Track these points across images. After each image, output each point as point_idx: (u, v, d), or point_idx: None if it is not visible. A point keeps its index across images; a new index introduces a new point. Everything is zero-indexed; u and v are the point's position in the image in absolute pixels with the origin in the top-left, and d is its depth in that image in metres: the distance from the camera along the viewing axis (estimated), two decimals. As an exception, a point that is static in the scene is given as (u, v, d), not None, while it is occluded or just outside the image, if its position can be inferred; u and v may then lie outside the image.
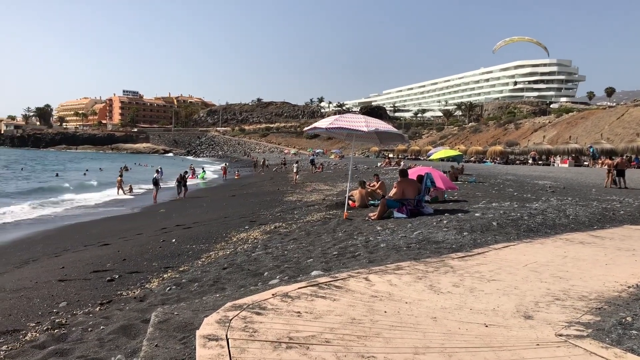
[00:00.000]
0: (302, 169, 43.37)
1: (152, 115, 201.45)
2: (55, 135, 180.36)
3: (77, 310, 6.16)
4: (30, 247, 14.38)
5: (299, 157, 76.93)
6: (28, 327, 5.53)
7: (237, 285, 6.18)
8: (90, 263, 9.75)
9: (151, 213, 22.03)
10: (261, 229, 12.23)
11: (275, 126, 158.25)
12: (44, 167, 73.23)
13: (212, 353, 3.02)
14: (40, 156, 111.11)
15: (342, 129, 12.50)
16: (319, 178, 37.03)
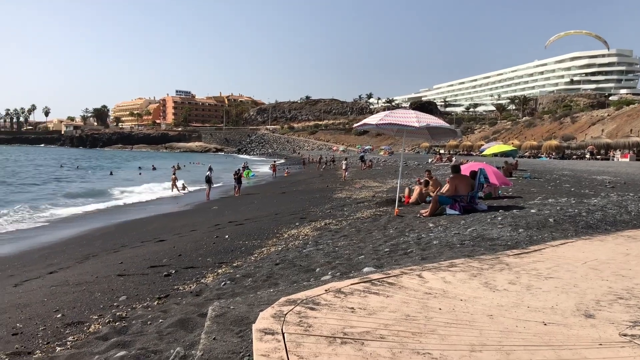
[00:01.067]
0: (351, 166, 43.32)
1: (204, 115, 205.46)
2: (111, 135, 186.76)
3: (136, 304, 6.36)
4: (90, 243, 14.95)
5: (347, 154, 76.87)
6: (91, 320, 5.76)
7: (290, 280, 6.24)
8: (147, 258, 10.04)
9: (204, 210, 22.51)
10: (311, 226, 12.30)
11: (323, 123, 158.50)
12: (100, 165, 75.93)
13: (268, 347, 3.07)
14: (97, 156, 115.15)
15: (393, 124, 12.41)
16: (368, 175, 36.90)
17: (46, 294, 7.55)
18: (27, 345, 5.00)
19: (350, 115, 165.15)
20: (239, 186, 29.54)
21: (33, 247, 15.31)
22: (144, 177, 51.56)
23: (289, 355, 2.96)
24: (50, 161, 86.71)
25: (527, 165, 35.28)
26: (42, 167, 69.43)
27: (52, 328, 5.54)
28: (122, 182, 44.43)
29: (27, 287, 8.69)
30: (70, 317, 5.96)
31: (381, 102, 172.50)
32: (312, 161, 76.85)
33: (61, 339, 5.08)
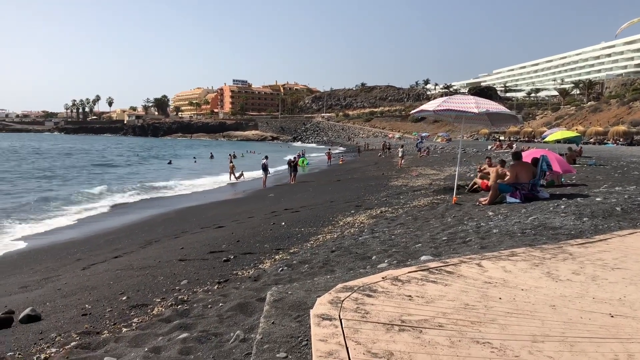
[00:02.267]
0: (408, 153, 42.85)
1: (260, 103, 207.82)
2: (171, 124, 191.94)
3: (197, 288, 6.54)
4: (152, 229, 15.46)
5: (403, 141, 76.01)
6: (154, 302, 5.97)
7: (346, 267, 6.26)
8: (206, 244, 10.29)
9: (261, 197, 22.85)
10: (367, 214, 12.27)
11: (379, 110, 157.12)
12: (162, 154, 78.27)
13: (326, 332, 3.09)
14: (158, 144, 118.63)
15: (451, 110, 12.16)
16: (425, 162, 36.43)
17: (112, 277, 7.87)
18: (95, 326, 5.24)
19: (406, 102, 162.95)
20: (294, 174, 29.80)
21: (99, 233, 16.00)
22: (202, 165, 52.82)
23: (346, 341, 2.97)
24: (118, 149, 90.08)
25: (592, 152, 33.90)
26: (120, 156, 72.25)
27: (118, 310, 5.78)
28: (180, 171, 45.73)
29: (94, 271, 9.09)
30: (134, 300, 6.19)
31: (438, 88, 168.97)
32: (368, 149, 76.48)
33: (127, 320, 5.30)
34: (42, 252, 13.16)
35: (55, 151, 79.89)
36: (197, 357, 3.64)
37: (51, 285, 8.30)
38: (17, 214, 20.10)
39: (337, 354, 2.81)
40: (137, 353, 3.97)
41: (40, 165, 50.96)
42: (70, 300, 6.66)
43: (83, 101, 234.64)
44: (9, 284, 9.20)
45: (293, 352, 2.96)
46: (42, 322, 5.68)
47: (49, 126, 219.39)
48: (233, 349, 3.67)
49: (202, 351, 3.77)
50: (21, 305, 6.50)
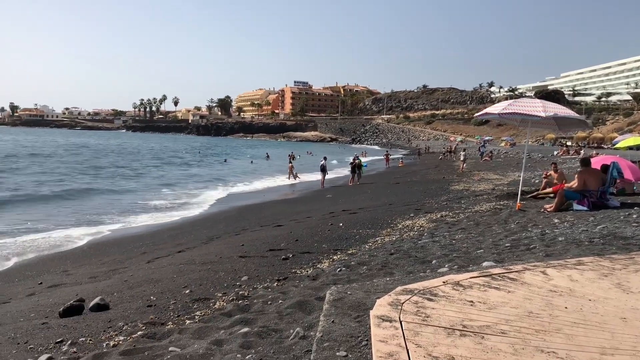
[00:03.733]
0: (469, 157, 42.01)
1: (319, 105, 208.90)
2: (234, 124, 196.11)
3: (257, 284, 6.65)
4: (214, 225, 15.86)
5: (465, 145, 74.56)
6: (216, 297, 6.12)
7: (405, 271, 6.21)
8: (266, 242, 10.45)
9: (319, 198, 22.99)
10: (427, 217, 12.12)
11: (440, 113, 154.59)
12: (221, 152, 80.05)
13: (386, 333, 3.09)
14: (219, 144, 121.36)
15: (516, 114, 11.85)
16: (487, 167, 35.60)
17: (175, 271, 8.12)
18: (160, 317, 5.43)
19: (469, 105, 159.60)
20: (353, 175, 29.82)
21: (163, 228, 16.56)
22: (258, 165, 53.72)
23: (407, 343, 2.96)
24: (183, 148, 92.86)
25: (667, 160, 32.14)
26: (183, 153, 74.51)
27: (181, 302, 5.96)
28: (238, 170, 46.67)
29: (159, 264, 9.41)
30: (197, 294, 6.37)
31: (503, 91, 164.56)
32: (428, 151, 75.51)
33: (190, 313, 5.46)
34: (109, 244, 13.76)
35: (126, 149, 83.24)
36: (258, 352, 3.71)
37: (118, 276, 8.65)
38: (95, 209, 21.11)
39: (398, 355, 2.80)
40: (200, 345, 4.09)
41: (116, 162, 53.41)
42: (136, 291, 6.92)
43: (150, 100, 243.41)
44: (79, 274, 9.67)
45: (353, 352, 2.98)
46: (110, 311, 5.93)
47: (118, 124, 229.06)
48: (293, 345, 3.72)
49: (262, 346, 3.84)
50: (91, 295, 6.81)
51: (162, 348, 4.24)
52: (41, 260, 12.02)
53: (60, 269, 10.61)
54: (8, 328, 5.57)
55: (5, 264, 11.83)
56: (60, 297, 7.22)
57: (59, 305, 6.33)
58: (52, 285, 8.73)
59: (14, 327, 5.55)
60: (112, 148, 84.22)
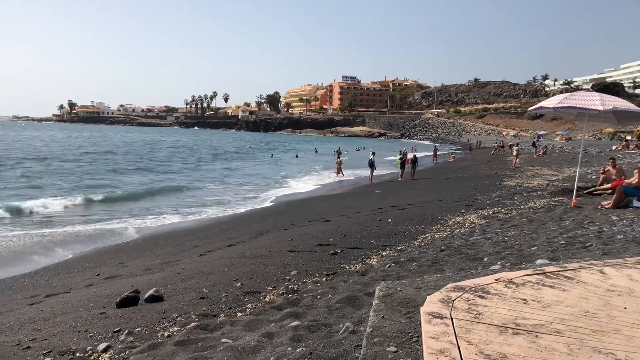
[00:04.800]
0: (523, 152, 40.94)
1: (368, 99, 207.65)
2: (282, 120, 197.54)
3: (306, 279, 6.70)
4: (263, 220, 16.05)
5: (518, 140, 72.64)
6: (266, 290, 6.20)
7: (456, 268, 6.13)
8: (314, 237, 10.50)
9: (367, 193, 22.91)
10: (478, 214, 11.91)
11: (493, 107, 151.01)
12: (270, 147, 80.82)
13: (437, 330, 3.07)
14: (268, 139, 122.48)
15: (572, 108, 11.46)
16: (541, 162, 34.62)
17: (226, 264, 8.27)
18: (212, 309, 5.55)
19: (522, 98, 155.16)
20: (402, 171, 29.58)
21: (214, 222, 16.89)
22: (305, 160, 54.00)
23: (458, 340, 2.93)
24: (234, 143, 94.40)
25: None
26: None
27: (233, 295, 6.07)
28: (285, 165, 47.05)
29: (210, 257, 9.61)
30: (248, 287, 6.47)
31: (558, 83, 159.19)
32: (480, 146, 74.07)
33: (241, 306, 5.55)
34: (162, 238, 14.14)
35: (184, 145, 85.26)
36: (308, 345, 3.74)
37: (171, 269, 8.89)
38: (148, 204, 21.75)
39: (449, 352, 2.77)
40: (251, 337, 4.16)
41: (173, 157, 54.96)
42: (189, 283, 7.09)
43: (201, 97, 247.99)
44: (134, 266, 9.99)
45: (403, 347, 2.96)
46: (164, 303, 6.10)
47: (170, 120, 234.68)
48: (343, 339, 3.73)
49: (312, 340, 3.88)
50: (145, 286, 7.02)
51: (214, 339, 4.34)
52: (98, 253, 12.47)
53: (116, 261, 10.98)
54: (69, 317, 5.81)
55: (65, 255, 12.34)
56: (117, 288, 7.47)
57: (115, 296, 6.55)
58: (108, 276, 9.04)
59: (75, 316, 5.79)
60: (167, 144, 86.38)
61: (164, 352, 4.16)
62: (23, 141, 78.32)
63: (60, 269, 10.77)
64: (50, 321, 5.74)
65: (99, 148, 65.84)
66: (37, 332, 5.32)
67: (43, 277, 9.95)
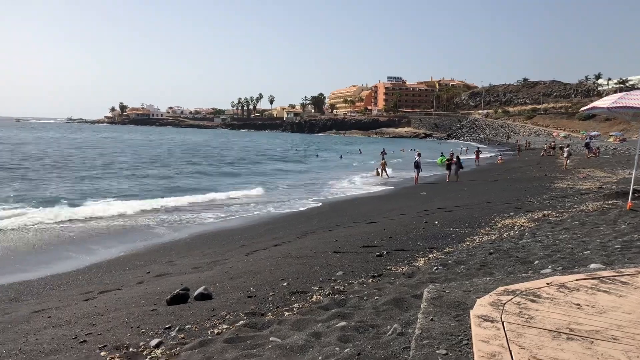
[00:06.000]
0: (574, 154, 39.72)
1: (413, 100, 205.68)
2: (326, 121, 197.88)
3: (352, 280, 6.71)
4: (308, 220, 16.14)
5: (569, 141, 70.54)
6: (312, 290, 6.24)
7: (506, 271, 6.02)
8: (359, 238, 10.49)
9: (412, 195, 22.72)
10: (528, 216, 11.64)
11: (542, 107, 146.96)
12: (315, 149, 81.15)
13: (488, 333, 3.02)
14: (312, 140, 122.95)
15: (628, 107, 11.05)
16: (594, 163, 33.50)
17: (272, 264, 8.36)
18: (260, 308, 5.62)
19: (574, 98, 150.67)
20: (449, 172, 29.18)
21: (260, 222, 17.08)
22: (348, 161, 53.96)
23: (509, 344, 2.88)
24: (282, 145, 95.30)
25: None
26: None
27: (280, 294, 6.13)
28: (333, 165, 47.14)
29: (257, 257, 9.73)
30: (294, 286, 6.52)
31: (612, 83, 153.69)
32: (529, 148, 72.38)
33: (288, 305, 5.61)
34: (210, 237, 14.40)
35: (233, 146, 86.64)
36: (356, 346, 3.75)
37: (219, 267, 9.04)
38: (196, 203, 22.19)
39: (500, 356, 2.73)
40: (299, 336, 4.20)
41: (225, 157, 56.05)
42: (236, 282, 7.20)
43: (247, 99, 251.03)
44: (183, 265, 10.21)
45: (453, 350, 2.94)
46: (213, 301, 6.21)
47: (217, 122, 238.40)
48: (391, 341, 3.72)
49: (360, 340, 3.88)
50: (194, 284, 7.16)
51: (263, 338, 4.40)
52: (148, 251, 12.81)
53: (165, 259, 11.25)
54: (122, 313, 5.99)
55: (117, 252, 12.72)
56: (167, 285, 7.65)
57: (165, 293, 6.72)
58: (159, 274, 9.27)
59: (127, 312, 5.97)
60: (215, 145, 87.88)
61: (213, 349, 4.25)
62: (133, 145, 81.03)
63: (112, 266, 11.12)
64: (104, 317, 5.93)
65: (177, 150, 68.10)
66: (92, 326, 5.51)
67: (96, 274, 10.29)
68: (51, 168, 37.01)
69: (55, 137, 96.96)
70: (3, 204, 19.64)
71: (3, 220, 16.14)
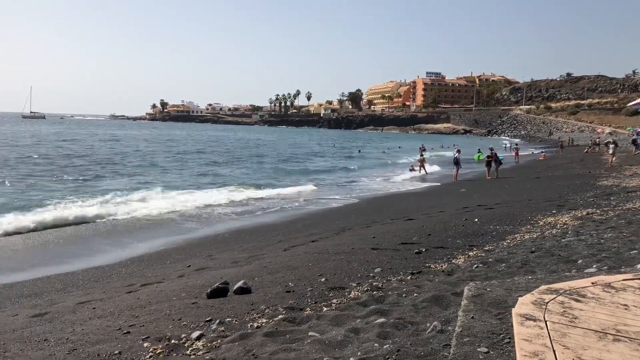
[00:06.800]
0: (620, 150, 38.51)
1: (453, 96, 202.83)
2: (364, 117, 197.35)
3: (390, 276, 6.68)
4: (345, 217, 16.14)
5: (615, 137, 68.43)
6: (351, 286, 6.24)
7: (548, 270, 5.89)
8: (397, 235, 10.43)
9: (451, 192, 22.46)
10: (571, 214, 11.36)
11: (586, 103, 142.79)
12: (353, 145, 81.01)
13: (531, 332, 2.97)
14: (349, 137, 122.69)
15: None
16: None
17: (310, 260, 8.40)
18: (299, 302, 5.66)
19: (620, 93, 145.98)
20: (488, 169, 28.69)
21: (296, 218, 17.17)
22: (392, 157, 53.64)
23: (553, 344, 2.82)
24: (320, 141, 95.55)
25: None
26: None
27: (318, 290, 6.16)
28: (373, 161, 46.98)
29: (294, 252, 9.79)
30: (332, 282, 6.54)
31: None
32: (572, 144, 70.61)
33: (327, 301, 5.63)
34: (247, 232, 14.57)
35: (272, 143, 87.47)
36: (395, 343, 3.74)
37: (258, 262, 9.14)
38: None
39: (544, 355, 2.69)
40: (337, 332, 4.22)
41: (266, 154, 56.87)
42: (275, 277, 7.26)
43: (285, 96, 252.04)
44: (222, 259, 10.36)
45: (494, 348, 2.90)
46: (252, 295, 6.29)
47: (255, 119, 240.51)
48: (430, 338, 3.70)
49: (399, 337, 3.87)
50: (234, 278, 7.26)
51: (302, 332, 4.44)
52: (189, 245, 13.04)
53: (205, 254, 11.43)
54: (164, 305, 6.12)
55: (158, 245, 13.00)
56: (206, 279, 7.78)
57: (205, 287, 6.83)
58: (199, 268, 9.43)
59: (169, 305, 6.10)
60: (257, 142, 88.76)
61: (253, 343, 4.30)
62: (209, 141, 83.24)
63: (153, 259, 11.37)
64: (147, 309, 6.07)
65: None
66: (135, 318, 5.65)
67: (138, 267, 10.54)
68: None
69: (123, 134, 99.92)
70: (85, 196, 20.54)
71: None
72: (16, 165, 33.41)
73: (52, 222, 15.55)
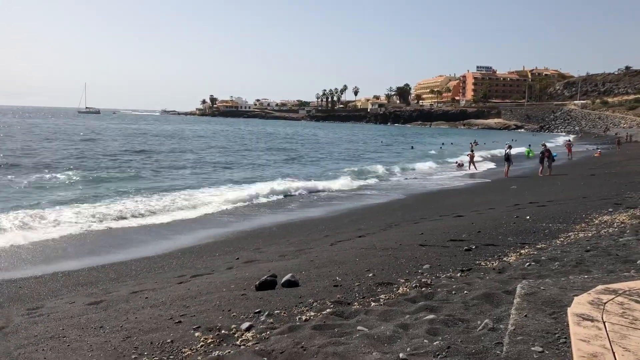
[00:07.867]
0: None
1: (504, 90, 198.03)
2: (412, 112, 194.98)
3: (439, 273, 6.60)
4: (392, 213, 16.05)
5: (676, 133, 65.36)
6: (399, 282, 6.20)
7: (605, 269, 5.69)
8: (446, 232, 10.29)
9: (502, 188, 22.00)
10: (629, 213, 10.92)
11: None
12: (405, 141, 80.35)
13: (588, 333, 2.88)
14: (396, 132, 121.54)
15: None
16: None
17: (357, 255, 8.39)
18: (346, 297, 5.67)
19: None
20: (542, 166, 27.91)
21: (342, 213, 17.18)
22: (444, 153, 52.91)
23: (612, 346, 2.73)
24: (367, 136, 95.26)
25: None
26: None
27: (365, 285, 6.15)
28: (423, 157, 46.45)
29: (341, 247, 9.79)
30: (380, 278, 6.51)
31: None
32: (630, 140, 67.98)
33: (374, 296, 5.61)
34: (294, 226, 14.69)
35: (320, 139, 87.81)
36: (445, 339, 3.70)
37: (305, 256, 9.19)
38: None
39: (602, 357, 2.60)
40: (386, 327, 4.20)
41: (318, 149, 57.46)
42: (322, 271, 7.29)
43: (332, 91, 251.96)
44: (270, 252, 10.48)
45: (549, 348, 2.83)
46: (300, 288, 6.33)
47: (302, 114, 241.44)
48: (482, 336, 3.64)
49: (449, 334, 3.82)
50: (281, 271, 7.32)
51: (350, 326, 4.44)
52: (237, 238, 13.24)
53: (253, 247, 11.59)
54: (214, 297, 6.24)
55: (206, 238, 13.26)
56: (255, 272, 7.87)
57: (254, 279, 6.92)
58: (247, 260, 9.57)
59: (219, 296, 6.21)
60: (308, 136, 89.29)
61: (302, 335, 4.34)
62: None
63: (203, 251, 11.60)
64: (197, 299, 6.20)
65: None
66: (186, 308, 5.78)
67: (188, 259, 10.78)
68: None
69: (195, 129, 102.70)
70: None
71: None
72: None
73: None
